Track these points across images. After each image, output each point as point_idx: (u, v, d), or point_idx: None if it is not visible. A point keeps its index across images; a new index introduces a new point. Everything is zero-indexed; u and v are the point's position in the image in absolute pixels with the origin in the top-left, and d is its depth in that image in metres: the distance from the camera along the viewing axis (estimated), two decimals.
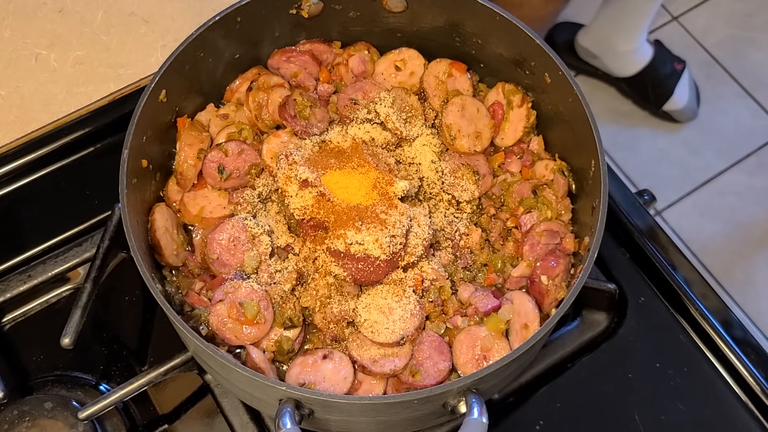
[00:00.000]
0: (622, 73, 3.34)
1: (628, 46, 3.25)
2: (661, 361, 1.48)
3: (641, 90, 3.36)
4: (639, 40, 3.25)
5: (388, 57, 1.53)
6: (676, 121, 3.41)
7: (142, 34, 1.78)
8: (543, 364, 1.48)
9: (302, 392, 1.11)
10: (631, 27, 3.20)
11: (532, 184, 1.41)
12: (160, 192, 1.41)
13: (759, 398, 1.45)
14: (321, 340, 1.31)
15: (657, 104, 3.36)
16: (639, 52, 3.30)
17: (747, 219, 3.28)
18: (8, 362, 1.46)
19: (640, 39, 3.26)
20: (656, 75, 3.32)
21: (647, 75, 3.32)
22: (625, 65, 3.31)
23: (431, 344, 1.29)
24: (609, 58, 3.30)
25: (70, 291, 1.53)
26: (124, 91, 1.71)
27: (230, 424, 1.40)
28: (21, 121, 1.67)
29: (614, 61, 3.31)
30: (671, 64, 3.36)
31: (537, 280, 1.32)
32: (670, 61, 3.36)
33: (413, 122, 1.44)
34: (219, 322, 1.25)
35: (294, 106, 1.43)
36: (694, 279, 1.55)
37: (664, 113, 3.37)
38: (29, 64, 1.74)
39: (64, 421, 1.35)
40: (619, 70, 3.34)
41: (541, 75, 1.40)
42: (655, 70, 3.32)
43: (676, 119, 3.40)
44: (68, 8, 1.81)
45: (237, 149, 1.40)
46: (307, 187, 1.29)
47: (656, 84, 3.33)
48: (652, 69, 3.32)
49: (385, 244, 1.25)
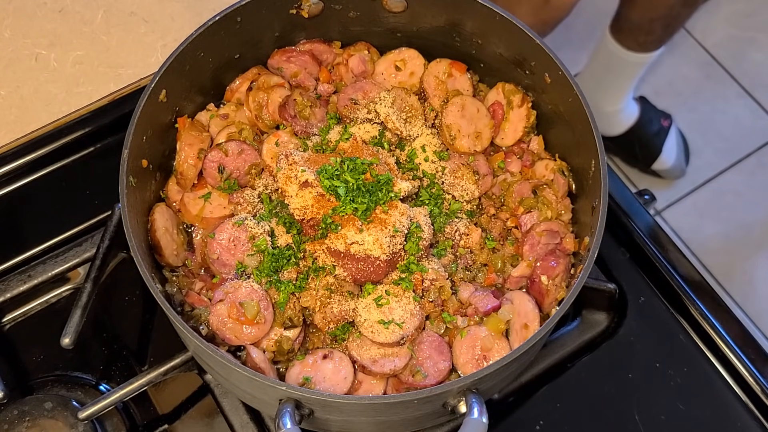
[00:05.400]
0: (608, 133, 3.25)
1: (612, 107, 3.17)
2: (661, 361, 1.48)
3: (629, 149, 3.29)
4: (624, 101, 3.18)
5: (388, 57, 1.53)
6: (665, 178, 3.34)
7: (142, 34, 1.78)
8: (543, 364, 1.48)
9: (302, 392, 1.11)
10: (614, 89, 3.13)
11: (532, 184, 1.41)
12: (160, 192, 1.41)
13: (759, 398, 1.45)
14: (321, 340, 1.31)
15: (646, 163, 3.28)
16: (624, 113, 3.22)
17: (747, 219, 3.28)
18: (8, 362, 1.46)
19: (625, 100, 3.18)
20: (643, 134, 3.24)
21: (633, 134, 3.24)
22: (610, 125, 3.23)
23: (431, 344, 1.29)
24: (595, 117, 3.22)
25: (70, 291, 1.53)
26: (124, 91, 1.71)
27: (230, 424, 1.40)
28: (21, 121, 1.67)
29: (599, 121, 3.22)
30: (658, 121, 3.28)
31: (537, 280, 1.32)
32: (656, 118, 3.28)
33: (413, 122, 1.44)
34: (219, 322, 1.25)
35: (294, 106, 1.44)
36: (694, 279, 1.55)
37: (653, 172, 3.30)
38: (29, 64, 1.74)
39: (64, 421, 1.35)
40: (605, 130, 3.24)
41: (541, 75, 1.40)
42: (642, 129, 3.24)
43: (665, 177, 3.33)
44: (68, 8, 1.81)
45: (237, 149, 1.40)
46: (307, 187, 1.29)
47: (643, 143, 3.25)
48: (639, 128, 3.24)
49: (385, 244, 1.25)
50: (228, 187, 1.39)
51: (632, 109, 3.24)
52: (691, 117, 3.48)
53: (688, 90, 3.55)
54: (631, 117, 3.23)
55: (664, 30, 2.88)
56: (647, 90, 3.45)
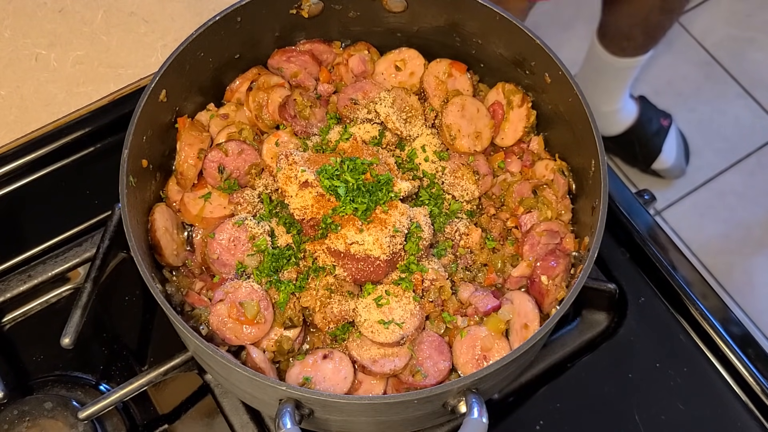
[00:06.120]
0: (607, 132, 3.23)
1: (609, 107, 3.15)
2: (661, 361, 1.48)
3: (629, 149, 3.27)
4: (620, 102, 3.16)
5: (388, 57, 1.53)
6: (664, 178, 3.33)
7: (142, 34, 1.78)
8: (543, 364, 1.48)
9: (302, 392, 1.11)
10: (608, 90, 3.11)
11: (532, 184, 1.41)
12: (160, 192, 1.41)
13: (759, 398, 1.45)
14: (321, 340, 1.31)
15: (645, 163, 3.27)
16: (622, 112, 3.20)
17: (747, 219, 3.28)
18: (8, 362, 1.46)
19: (622, 100, 3.16)
20: (643, 134, 3.22)
21: (633, 134, 3.22)
22: (609, 125, 3.21)
23: (431, 344, 1.29)
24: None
25: (70, 291, 1.53)
26: (124, 91, 1.71)
27: (230, 424, 1.40)
28: (21, 121, 1.67)
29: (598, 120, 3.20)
30: (657, 120, 3.26)
31: (537, 280, 1.32)
32: (656, 117, 3.26)
33: (413, 122, 1.44)
34: (219, 322, 1.25)
35: (294, 106, 1.44)
36: (694, 279, 1.55)
37: (652, 171, 3.29)
38: (29, 64, 1.74)
39: (64, 421, 1.35)
40: (604, 129, 3.22)
41: (541, 75, 1.40)
42: (642, 128, 3.22)
43: (665, 177, 3.32)
44: (68, 8, 1.81)
45: (237, 149, 1.40)
46: (307, 187, 1.29)
47: (643, 143, 3.23)
48: (638, 127, 3.22)
49: (385, 244, 1.25)
50: (228, 187, 1.39)
51: (630, 109, 3.23)
52: (691, 117, 3.48)
53: (688, 90, 3.55)
54: (630, 116, 3.22)
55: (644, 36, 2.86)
56: (647, 90, 3.45)
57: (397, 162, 1.41)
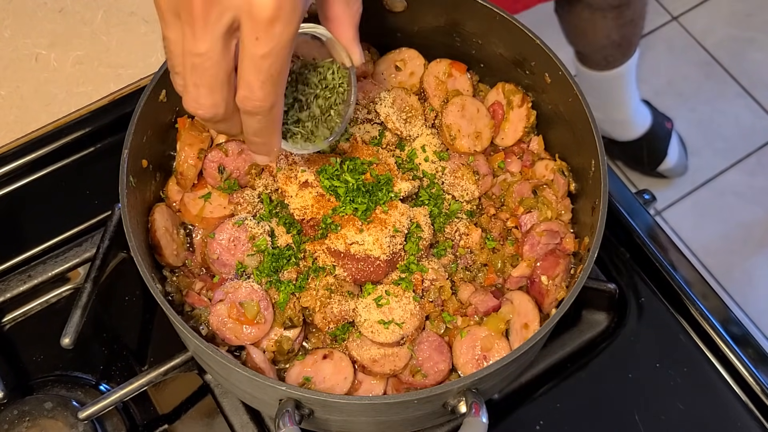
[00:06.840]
0: (623, 138, 3.23)
1: (621, 115, 3.15)
2: (661, 361, 1.48)
3: (635, 153, 3.27)
4: (631, 108, 3.15)
5: (388, 57, 1.53)
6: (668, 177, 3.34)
7: (142, 34, 1.78)
8: (543, 364, 1.48)
9: (302, 392, 1.11)
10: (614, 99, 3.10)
11: (532, 184, 1.41)
12: (160, 192, 1.41)
13: (759, 398, 1.45)
14: (321, 340, 1.31)
15: (651, 167, 3.28)
16: (637, 118, 3.20)
17: (747, 219, 3.28)
18: (8, 362, 1.46)
19: (632, 106, 3.15)
20: (652, 139, 3.23)
21: (644, 140, 3.23)
22: (624, 132, 3.21)
23: (431, 344, 1.29)
24: (608, 125, 3.20)
25: (70, 291, 1.53)
26: (124, 91, 1.71)
27: (230, 424, 1.40)
28: (21, 121, 1.67)
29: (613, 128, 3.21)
30: (663, 125, 3.27)
31: (537, 280, 1.32)
32: (663, 121, 3.28)
33: (413, 122, 1.44)
34: (219, 322, 1.25)
35: None
36: (694, 279, 1.55)
37: (656, 173, 3.30)
38: (29, 64, 1.74)
39: (64, 421, 1.35)
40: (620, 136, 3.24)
41: (541, 75, 1.40)
42: (653, 134, 3.23)
43: (667, 176, 3.33)
44: (68, 8, 1.81)
45: (237, 149, 1.40)
46: (307, 187, 1.29)
47: (651, 148, 3.24)
48: (651, 134, 3.23)
49: (385, 244, 1.25)
50: (228, 187, 1.39)
51: (644, 116, 3.22)
52: (691, 117, 3.49)
53: (688, 90, 3.56)
54: (645, 122, 3.22)
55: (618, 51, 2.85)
56: (647, 89, 3.45)
57: (397, 162, 1.41)
